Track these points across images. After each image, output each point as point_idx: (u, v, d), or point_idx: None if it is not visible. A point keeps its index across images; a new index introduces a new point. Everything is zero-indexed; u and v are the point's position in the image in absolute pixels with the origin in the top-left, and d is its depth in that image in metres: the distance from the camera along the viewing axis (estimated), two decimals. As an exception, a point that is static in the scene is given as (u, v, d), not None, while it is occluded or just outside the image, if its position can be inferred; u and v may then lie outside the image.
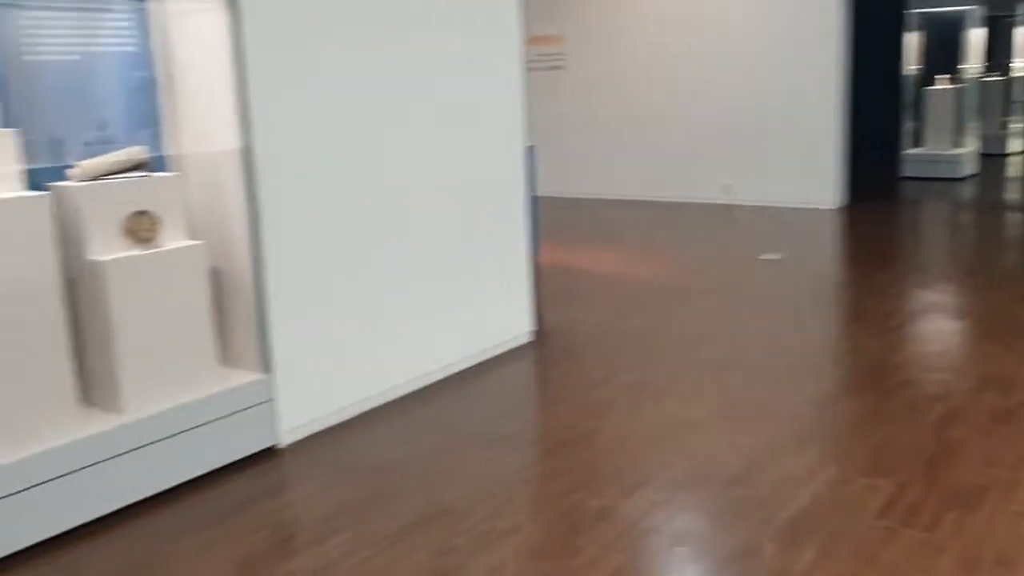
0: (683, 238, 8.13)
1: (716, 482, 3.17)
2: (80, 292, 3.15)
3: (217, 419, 3.35)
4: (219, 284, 3.54)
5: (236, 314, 3.58)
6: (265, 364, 3.55)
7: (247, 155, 3.43)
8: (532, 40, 4.69)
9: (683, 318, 5.37)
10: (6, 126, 3.07)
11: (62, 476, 2.89)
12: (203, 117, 3.54)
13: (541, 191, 4.94)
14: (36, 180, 3.07)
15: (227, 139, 3.44)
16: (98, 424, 3.06)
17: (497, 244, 4.69)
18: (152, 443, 3.14)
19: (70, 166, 3.21)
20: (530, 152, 4.83)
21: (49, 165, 3.22)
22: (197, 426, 3.28)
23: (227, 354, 3.57)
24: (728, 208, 9.23)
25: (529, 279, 4.90)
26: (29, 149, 3.04)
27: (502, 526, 2.91)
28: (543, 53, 10.19)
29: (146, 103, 3.59)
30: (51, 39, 3.35)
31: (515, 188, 4.78)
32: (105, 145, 3.44)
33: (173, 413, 3.22)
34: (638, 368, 4.46)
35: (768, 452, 3.39)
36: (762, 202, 9.20)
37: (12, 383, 2.85)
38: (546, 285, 5.12)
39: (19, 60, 3.26)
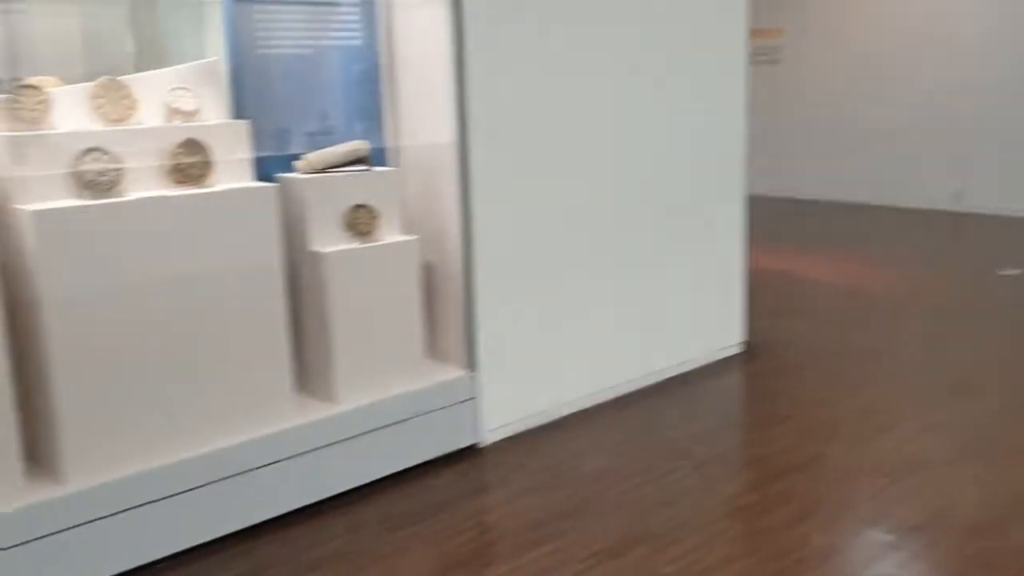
0: (909, 246, 7.52)
1: (958, 528, 2.83)
2: (300, 282, 3.20)
3: (423, 414, 3.33)
4: (429, 278, 3.53)
5: (444, 309, 3.56)
6: (470, 361, 3.50)
7: (462, 150, 3.38)
8: (750, 33, 4.43)
9: (911, 336, 4.91)
10: (238, 117, 3.17)
11: (276, 462, 2.95)
12: (421, 111, 3.53)
13: (751, 190, 4.66)
14: (262, 168, 3.14)
15: (443, 133, 3.41)
16: (314, 412, 3.11)
17: (712, 247, 4.45)
18: (362, 434, 3.16)
19: (293, 156, 3.27)
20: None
21: (274, 154, 3.29)
22: (404, 420, 3.27)
23: (434, 349, 3.56)
24: (959, 216, 8.47)
25: (743, 285, 4.63)
26: (257, 138, 3.11)
27: (715, 557, 2.71)
28: (760, 46, 9.74)
29: (366, 96, 3.63)
30: (283, 33, 3.43)
31: (734, 188, 4.52)
32: (325, 136, 3.50)
33: (383, 405, 3.22)
34: (862, 390, 4.09)
35: (1020, 498, 2.99)
36: (998, 211, 8.38)
37: (235, 368, 2.92)
38: (757, 292, 4.82)
39: (253, 54, 3.36)
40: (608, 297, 3.97)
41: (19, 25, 3.36)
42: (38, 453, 2.66)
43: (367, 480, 3.19)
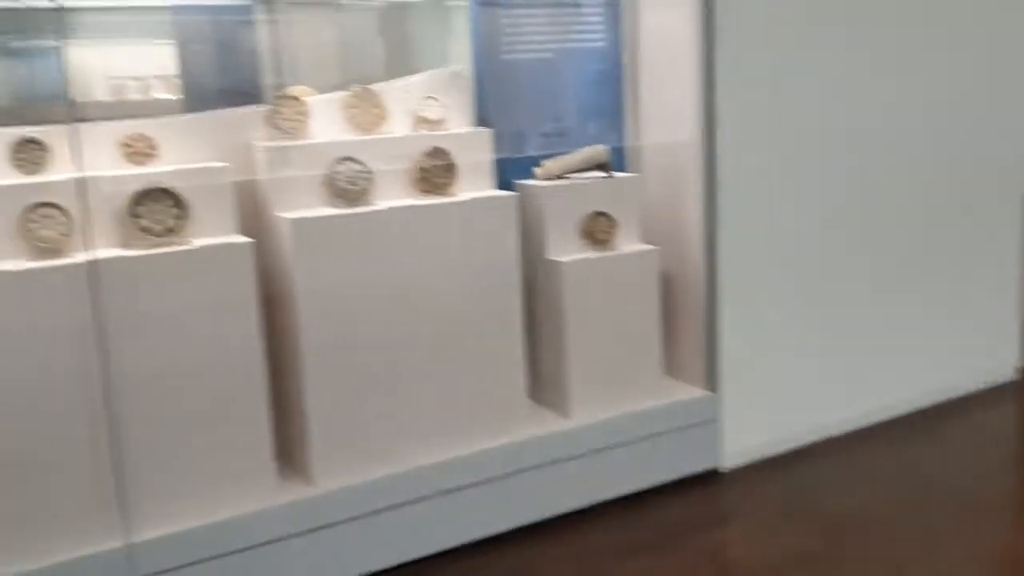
0: None
1: None
2: (536, 290, 3.14)
3: (658, 434, 3.18)
4: (668, 290, 3.37)
5: (684, 324, 3.38)
6: (711, 380, 3.31)
7: (708, 152, 3.20)
8: None
9: None
10: (481, 123, 3.14)
11: (510, 475, 2.90)
12: (665, 112, 3.37)
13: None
14: (502, 173, 3.10)
15: (688, 134, 3.24)
16: (547, 425, 3.04)
17: (985, 259, 3.98)
18: (595, 451, 3.05)
19: (533, 160, 3.22)
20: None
21: (514, 155, 3.25)
22: (639, 439, 3.14)
23: (671, 365, 3.39)
24: None
25: (1020, 302, 4.12)
26: (498, 142, 3.08)
27: (997, 623, 2.39)
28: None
29: (607, 97, 3.52)
30: (528, 37, 3.38)
31: (1012, 193, 4.02)
32: (563, 137, 3.42)
33: (617, 422, 3.10)
34: None
35: None
36: None
37: (473, 375, 2.90)
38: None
39: (497, 59, 3.33)
40: (865, 314, 3.63)
41: (280, 35, 3.52)
42: (289, 453, 2.76)
43: (598, 500, 3.08)
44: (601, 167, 3.24)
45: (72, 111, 2.48)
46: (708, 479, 3.27)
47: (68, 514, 2.37)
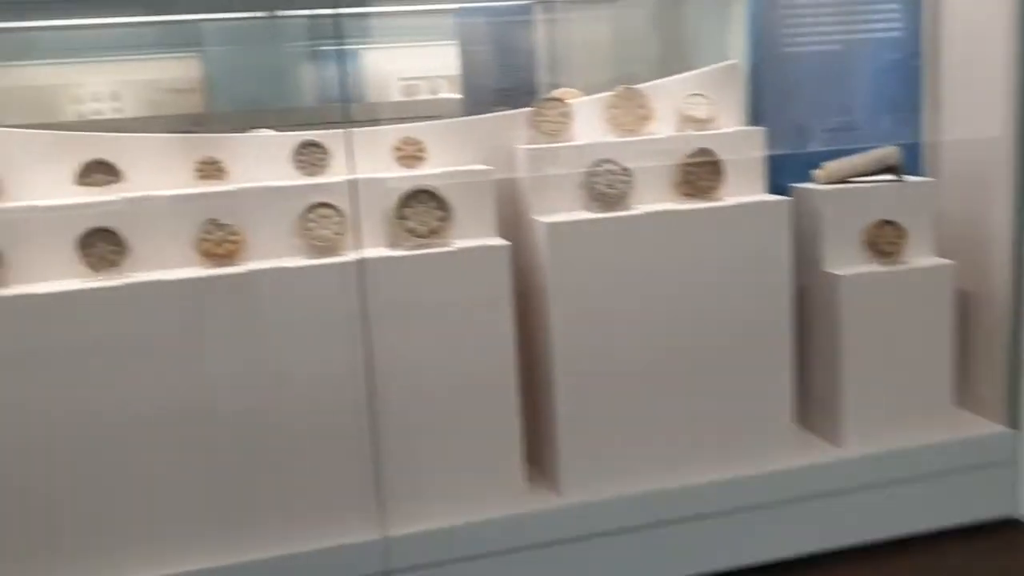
0: None
1: None
2: (809, 305, 2.90)
3: (945, 472, 2.84)
4: (964, 310, 2.99)
5: (981, 349, 3.00)
6: (1012, 415, 2.91)
7: (1021, 155, 2.82)
8: None
9: None
10: (755, 121, 2.96)
11: (767, 506, 2.70)
12: (968, 108, 3.02)
13: None
14: (776, 175, 2.90)
15: (996, 133, 2.87)
16: (815, 454, 2.81)
17: None
18: (868, 487, 2.77)
19: (811, 162, 2.97)
20: None
21: (792, 152, 3.02)
22: (922, 477, 2.81)
23: (964, 396, 3.01)
24: None
25: None
26: (772, 142, 2.87)
27: None
28: None
29: (900, 91, 3.18)
30: (812, 28, 3.12)
31: None
32: (846, 133, 3.14)
33: (897, 456, 2.80)
34: None
35: None
36: None
37: (732, 394, 2.73)
38: None
39: (777, 52, 3.11)
40: None
41: (557, 34, 3.52)
42: (537, 458, 2.74)
43: (869, 541, 2.79)
44: (891, 170, 2.94)
45: (346, 114, 2.59)
46: (1003, 529, 2.87)
47: (330, 502, 2.49)
